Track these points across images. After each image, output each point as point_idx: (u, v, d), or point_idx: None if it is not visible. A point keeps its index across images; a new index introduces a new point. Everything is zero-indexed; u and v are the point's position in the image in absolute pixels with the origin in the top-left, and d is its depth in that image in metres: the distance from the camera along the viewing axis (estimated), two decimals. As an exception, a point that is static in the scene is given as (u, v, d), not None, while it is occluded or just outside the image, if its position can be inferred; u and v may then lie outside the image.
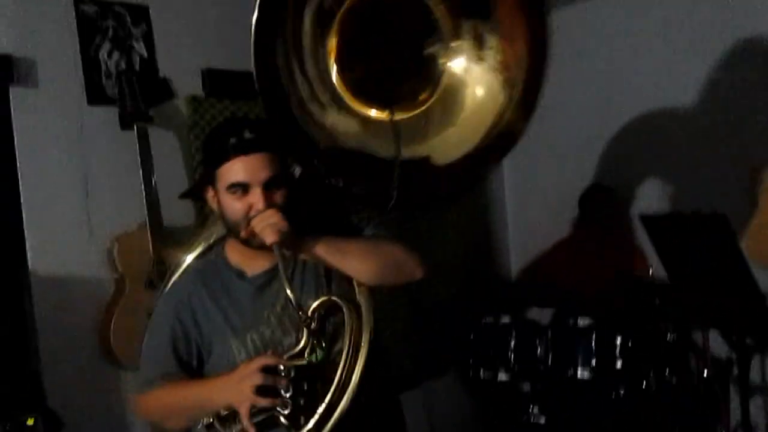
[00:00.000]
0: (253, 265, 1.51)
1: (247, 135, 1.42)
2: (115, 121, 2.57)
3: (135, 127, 2.50)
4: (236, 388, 1.35)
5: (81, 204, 2.53)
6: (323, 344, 1.40)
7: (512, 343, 3.06)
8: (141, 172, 2.47)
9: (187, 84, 2.81)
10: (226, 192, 1.43)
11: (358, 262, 1.47)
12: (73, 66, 2.54)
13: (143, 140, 2.51)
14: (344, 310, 1.41)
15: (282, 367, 1.35)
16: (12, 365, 2.36)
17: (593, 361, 2.94)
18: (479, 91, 1.46)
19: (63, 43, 2.52)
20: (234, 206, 1.43)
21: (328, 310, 1.44)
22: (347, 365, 1.37)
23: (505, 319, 3.15)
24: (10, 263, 2.39)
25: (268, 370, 1.34)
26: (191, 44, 2.81)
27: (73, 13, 2.55)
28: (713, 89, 3.40)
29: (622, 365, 2.92)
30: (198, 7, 2.86)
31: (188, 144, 2.79)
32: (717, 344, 2.98)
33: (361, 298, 1.46)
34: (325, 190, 1.56)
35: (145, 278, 2.48)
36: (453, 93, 1.47)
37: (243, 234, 1.44)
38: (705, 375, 2.90)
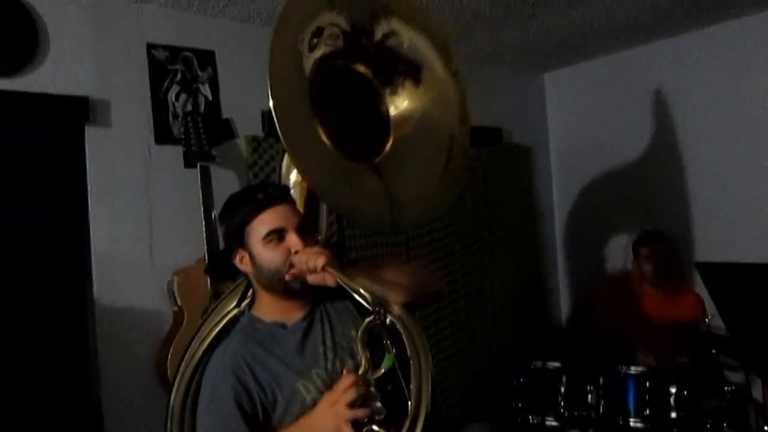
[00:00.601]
0: (290, 316, 1.58)
1: (270, 191, 1.57)
2: (179, 159, 2.71)
3: (198, 166, 2.62)
4: (330, 414, 1.40)
5: (145, 238, 2.65)
6: (390, 349, 1.43)
7: (562, 389, 3.01)
8: (202, 208, 2.56)
9: (247, 125, 2.93)
10: (262, 244, 1.52)
11: (394, 278, 1.57)
12: (143, 107, 2.69)
13: (205, 178, 2.61)
14: (396, 320, 1.45)
15: (365, 379, 1.42)
16: (73, 392, 2.45)
17: (647, 411, 2.86)
18: (422, 116, 1.80)
19: (135, 86, 2.68)
20: (272, 255, 1.52)
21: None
22: (419, 369, 1.43)
23: (555, 364, 3.11)
24: (76, 293, 2.51)
25: (353, 386, 1.41)
26: (253, 87, 2.93)
27: (146, 58, 2.71)
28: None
29: (677, 416, 2.83)
30: (260, 53, 2.97)
31: (248, 182, 2.90)
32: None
33: (402, 315, 1.51)
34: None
35: (201, 311, 2.56)
36: (405, 125, 1.79)
37: (287, 276, 1.51)
38: (765, 429, 2.79)
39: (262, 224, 1.52)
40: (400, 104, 1.80)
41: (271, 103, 1.46)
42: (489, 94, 4.05)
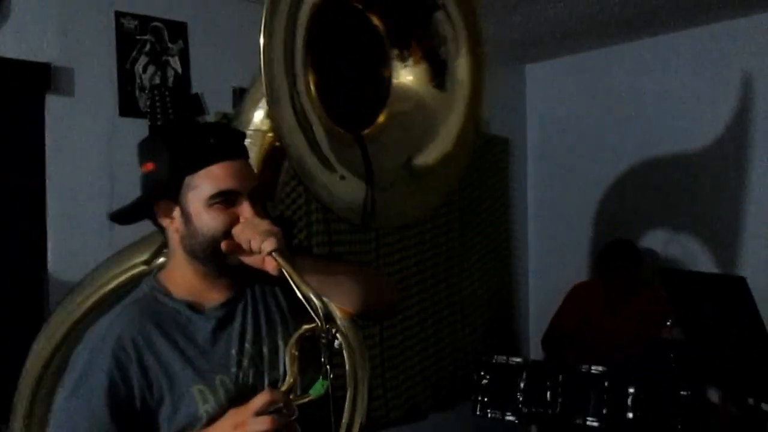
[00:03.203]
0: (208, 297, 1.27)
1: (226, 137, 1.25)
2: (145, 133, 2.61)
3: (163, 141, 2.55)
4: None
5: (104, 212, 2.56)
6: (327, 375, 1.11)
7: (521, 385, 3.01)
8: (165, 185, 2.50)
9: (218, 101, 2.85)
10: (205, 203, 1.20)
11: (348, 281, 1.30)
12: (108, 77, 2.61)
13: (170, 154, 2.55)
14: (341, 335, 1.15)
15: (288, 405, 1.11)
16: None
17: (603, 411, 2.87)
18: (427, 97, 1.54)
19: (101, 55, 2.59)
20: (214, 220, 1.19)
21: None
22: (354, 397, 1.19)
23: (517, 360, 3.10)
24: (30, 268, 2.44)
25: (270, 412, 1.10)
26: (225, 62, 2.86)
27: (114, 26, 2.62)
28: (741, 144, 3.34)
29: (634, 417, 2.85)
30: (234, 27, 2.91)
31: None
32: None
33: (345, 325, 1.24)
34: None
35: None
36: (404, 101, 1.52)
37: (223, 246, 1.20)
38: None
39: (211, 179, 1.19)
40: (404, 77, 1.50)
41: (261, 42, 1.17)
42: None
